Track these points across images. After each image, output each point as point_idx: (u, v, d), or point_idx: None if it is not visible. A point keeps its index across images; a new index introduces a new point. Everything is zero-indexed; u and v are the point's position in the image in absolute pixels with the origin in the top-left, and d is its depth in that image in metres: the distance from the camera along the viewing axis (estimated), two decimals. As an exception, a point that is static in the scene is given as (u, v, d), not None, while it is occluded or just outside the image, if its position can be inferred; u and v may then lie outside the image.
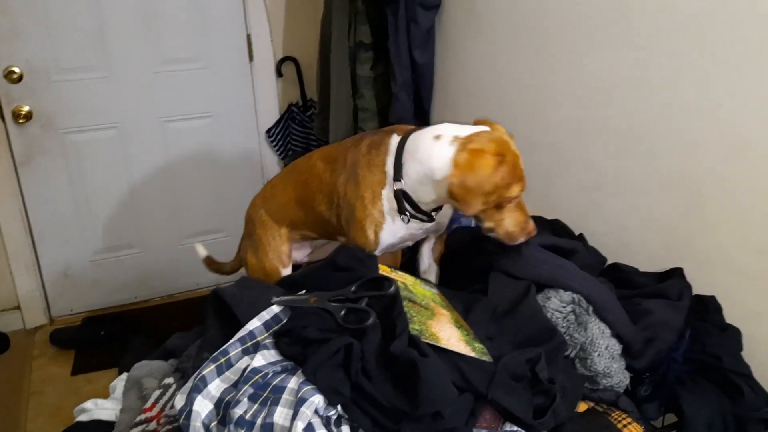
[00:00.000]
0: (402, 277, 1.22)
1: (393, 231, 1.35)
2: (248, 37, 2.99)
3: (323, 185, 1.44)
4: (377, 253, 1.39)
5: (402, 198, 1.29)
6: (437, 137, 1.24)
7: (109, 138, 2.89)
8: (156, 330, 2.85)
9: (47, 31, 2.64)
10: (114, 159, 2.92)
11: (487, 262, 1.38)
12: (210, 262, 1.97)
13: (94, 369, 2.72)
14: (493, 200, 1.22)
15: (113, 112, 2.86)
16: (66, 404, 2.45)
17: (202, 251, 1.97)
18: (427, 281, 1.30)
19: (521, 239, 1.29)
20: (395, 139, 1.32)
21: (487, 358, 1.07)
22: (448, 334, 1.08)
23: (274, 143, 3.17)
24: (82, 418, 1.22)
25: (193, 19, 2.86)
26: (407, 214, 1.31)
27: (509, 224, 1.27)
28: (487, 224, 1.28)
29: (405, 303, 1.09)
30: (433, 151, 1.23)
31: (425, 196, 1.28)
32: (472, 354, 1.06)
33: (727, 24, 1.29)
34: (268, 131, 3.15)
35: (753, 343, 1.35)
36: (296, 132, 3.14)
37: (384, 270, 1.18)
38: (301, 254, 1.69)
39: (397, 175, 1.28)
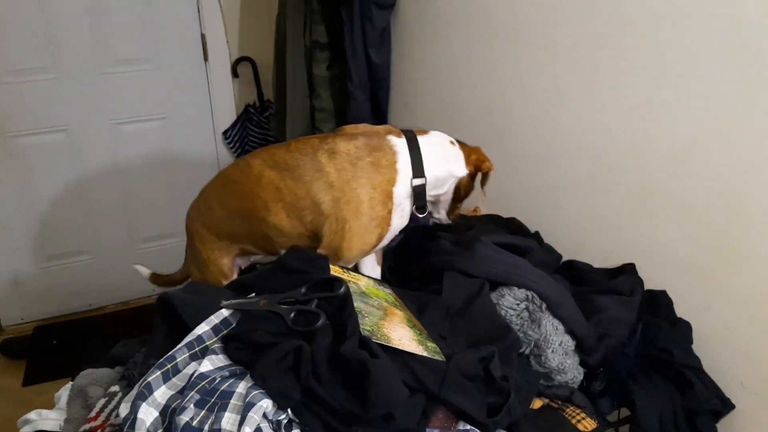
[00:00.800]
0: (355, 278, 1.20)
1: (394, 230, 1.42)
2: (203, 37, 2.94)
3: (282, 194, 1.37)
4: (365, 256, 1.44)
5: (424, 193, 1.40)
6: (452, 142, 1.46)
7: (58, 141, 2.81)
8: (111, 338, 2.76)
9: (-8, 31, 2.56)
10: (64, 163, 2.84)
11: (443, 261, 1.38)
12: (156, 279, 1.85)
13: (46, 380, 2.64)
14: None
15: (62, 114, 2.78)
16: (16, 416, 2.36)
17: (144, 271, 1.84)
18: (380, 282, 1.29)
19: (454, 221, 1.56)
20: (398, 141, 1.40)
21: (439, 357, 1.07)
22: (400, 334, 1.07)
23: (231, 145, 3.13)
24: (26, 429, 1.17)
25: (145, 19, 2.80)
26: (426, 207, 1.43)
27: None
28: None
29: (357, 304, 1.08)
30: (454, 153, 1.44)
31: (439, 191, 1.45)
32: (425, 353, 1.05)
33: (674, 26, 1.31)
34: (225, 133, 3.11)
35: (702, 336, 1.37)
36: (253, 133, 3.11)
37: (336, 271, 1.17)
38: (245, 261, 1.61)
39: (418, 172, 1.38)
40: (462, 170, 1.44)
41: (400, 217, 1.41)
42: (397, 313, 1.15)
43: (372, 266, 1.51)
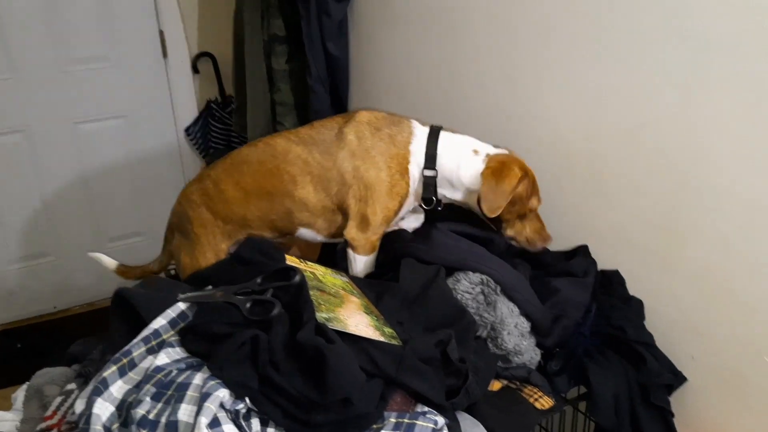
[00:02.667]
0: (312, 268, 1.22)
1: (407, 207, 1.47)
2: (161, 33, 2.90)
3: (310, 167, 1.43)
4: (386, 230, 1.47)
5: (433, 186, 1.43)
6: (476, 151, 1.43)
7: (15, 142, 2.75)
8: (77, 340, 2.74)
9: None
10: (22, 164, 2.79)
11: (401, 248, 1.40)
12: (126, 272, 1.73)
13: (11, 384, 2.58)
14: (515, 210, 1.41)
15: (19, 115, 2.72)
16: (-19, 423, 2.34)
17: (108, 261, 1.70)
18: (338, 271, 1.31)
19: (540, 245, 1.47)
20: (419, 127, 1.46)
21: (396, 341, 1.09)
22: (356, 320, 1.08)
23: (194, 141, 3.10)
24: (-18, 432, 1.17)
25: (101, 16, 2.75)
26: (434, 200, 1.45)
27: (529, 232, 1.46)
28: (509, 232, 1.47)
29: (313, 292, 1.09)
30: (470, 162, 1.41)
31: (452, 195, 1.46)
32: (381, 338, 1.06)
33: (621, 11, 1.34)
34: (187, 129, 3.08)
35: (654, 313, 1.41)
36: (216, 129, 3.09)
37: (292, 261, 1.18)
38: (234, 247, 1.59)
39: (430, 164, 1.42)
40: (472, 183, 1.41)
41: (414, 197, 1.47)
42: (354, 300, 1.17)
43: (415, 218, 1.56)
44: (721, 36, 1.16)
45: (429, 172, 1.43)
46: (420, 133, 1.45)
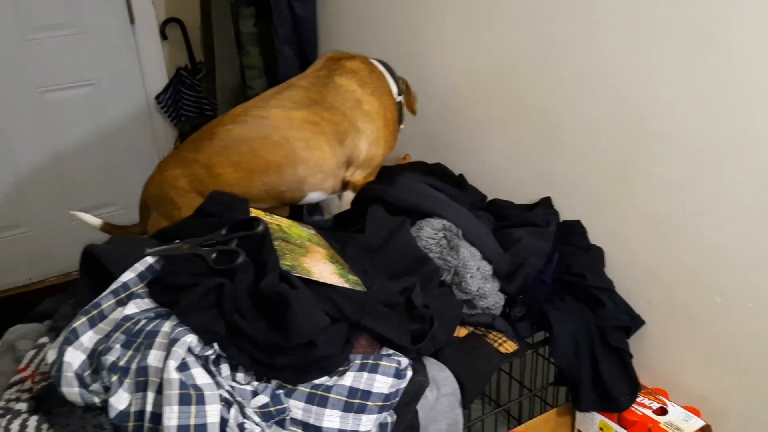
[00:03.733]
0: (277, 220, 1.24)
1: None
2: (126, -2, 2.86)
3: (321, 127, 1.47)
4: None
5: (402, 109, 1.66)
6: None
7: (-20, 112, 2.72)
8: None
9: None
10: (-11, 134, 2.76)
11: (366, 190, 1.48)
12: (111, 228, 1.61)
13: (-12, 355, 2.61)
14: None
15: (-18, 84, 2.69)
16: (-41, 393, 2.35)
17: (93, 220, 1.58)
18: (304, 224, 1.33)
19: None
20: (378, 63, 1.64)
21: (361, 288, 1.12)
22: (321, 268, 1.11)
23: (165, 109, 3.08)
24: (-43, 390, 1.18)
25: (63, -19, 2.71)
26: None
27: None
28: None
29: (278, 243, 1.11)
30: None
31: None
32: (346, 285, 1.10)
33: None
34: (158, 97, 3.05)
35: (613, 260, 1.47)
36: (187, 96, 3.07)
37: (257, 214, 1.20)
38: None
39: (399, 92, 1.64)
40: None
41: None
42: (319, 250, 1.20)
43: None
44: (671, -16, 1.19)
45: (399, 98, 1.64)
46: (382, 68, 1.63)
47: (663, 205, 1.31)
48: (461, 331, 1.36)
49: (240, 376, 1.03)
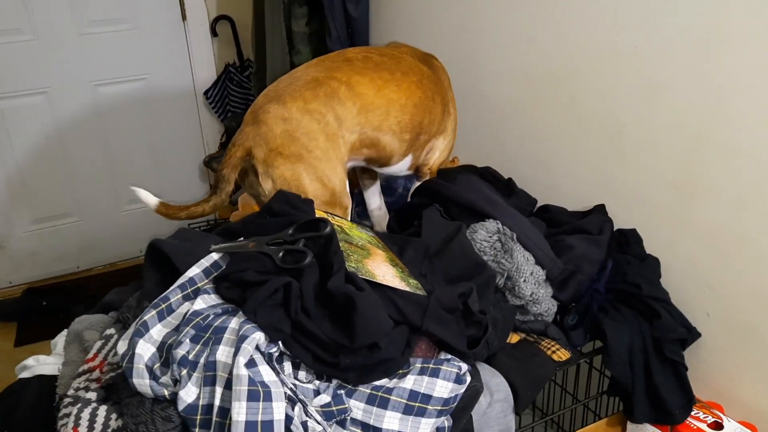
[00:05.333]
0: (339, 222, 1.25)
1: None
2: (180, -5, 2.92)
3: (434, 92, 1.53)
4: None
5: None
6: None
7: (37, 104, 2.80)
8: (98, 299, 2.81)
9: (-36, -8, 2.53)
10: (44, 125, 2.84)
11: (425, 186, 1.51)
12: (166, 211, 1.39)
13: (37, 340, 2.68)
14: None
15: (41, 76, 2.76)
16: (9, 377, 2.41)
17: (151, 199, 1.38)
18: (363, 225, 1.34)
19: None
20: None
21: (421, 292, 1.13)
22: (383, 271, 1.12)
23: (212, 105, 3.13)
24: (25, 374, 1.22)
25: (121, -22, 2.77)
26: None
27: None
28: None
29: (342, 244, 1.13)
30: None
31: None
32: (407, 289, 1.11)
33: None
34: (206, 93, 3.11)
35: (670, 271, 1.45)
36: (234, 93, 3.11)
37: (321, 214, 1.21)
38: None
39: None
40: None
41: None
42: (379, 253, 1.21)
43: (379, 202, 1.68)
44: (745, -6, 1.17)
45: None
46: None
47: (727, 217, 1.29)
48: (513, 338, 1.36)
49: (302, 374, 1.05)
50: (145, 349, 0.99)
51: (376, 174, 1.65)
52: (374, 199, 1.68)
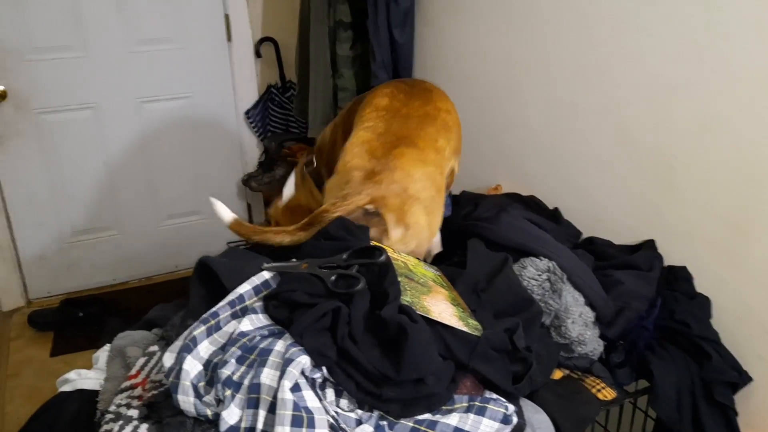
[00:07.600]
0: (404, 258, 1.23)
1: None
2: (226, 17, 2.97)
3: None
4: None
5: None
6: None
7: (84, 118, 2.86)
8: (133, 312, 2.84)
9: (19, 9, 2.60)
10: (90, 140, 2.90)
11: (469, 225, 1.45)
12: (241, 228, 1.28)
13: (73, 350, 2.71)
14: None
15: (89, 92, 2.83)
16: (44, 386, 2.44)
17: (226, 213, 1.29)
18: (429, 264, 1.32)
19: None
20: None
21: (479, 334, 1.10)
22: (440, 308, 1.10)
23: (253, 125, 3.17)
24: (66, 388, 1.22)
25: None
26: None
27: None
28: None
29: (401, 279, 1.10)
30: None
31: None
32: (465, 329, 1.08)
33: (695, 1, 1.33)
34: (247, 112, 3.15)
35: (722, 311, 1.40)
36: (275, 113, 3.15)
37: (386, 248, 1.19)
38: None
39: None
40: None
41: None
42: (441, 291, 1.19)
43: None
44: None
45: None
46: None
47: (784, 258, 1.25)
48: (557, 374, 1.32)
49: (344, 402, 1.03)
50: (192, 366, 0.98)
51: None
52: None
